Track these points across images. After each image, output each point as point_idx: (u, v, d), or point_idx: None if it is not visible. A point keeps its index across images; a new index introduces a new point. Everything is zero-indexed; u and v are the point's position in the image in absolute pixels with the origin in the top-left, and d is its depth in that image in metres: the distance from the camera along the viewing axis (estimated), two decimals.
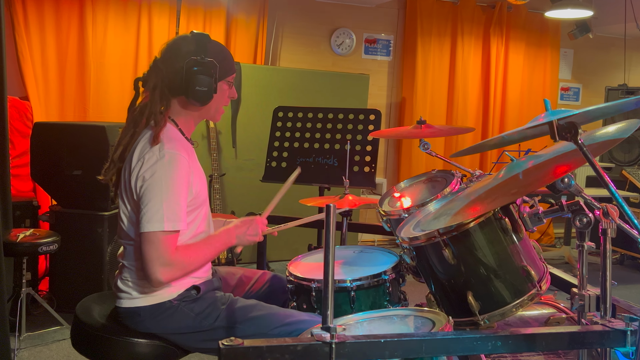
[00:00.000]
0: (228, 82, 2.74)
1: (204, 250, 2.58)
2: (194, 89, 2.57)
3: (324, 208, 1.78)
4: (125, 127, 2.67)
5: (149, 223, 2.40)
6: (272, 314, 2.63)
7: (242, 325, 2.58)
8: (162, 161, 2.45)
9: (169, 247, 2.41)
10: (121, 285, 2.61)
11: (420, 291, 2.94)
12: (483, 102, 8.48)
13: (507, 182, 2.22)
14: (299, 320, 2.59)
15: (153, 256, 2.39)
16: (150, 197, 2.42)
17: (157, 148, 2.47)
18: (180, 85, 2.59)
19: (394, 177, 8.27)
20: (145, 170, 2.45)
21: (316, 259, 3.14)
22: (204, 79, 2.58)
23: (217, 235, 2.68)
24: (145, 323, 2.57)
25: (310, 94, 7.07)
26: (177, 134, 2.64)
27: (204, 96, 2.60)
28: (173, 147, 2.49)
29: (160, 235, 2.40)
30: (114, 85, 6.60)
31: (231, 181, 6.82)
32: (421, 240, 2.37)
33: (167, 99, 2.63)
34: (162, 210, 2.40)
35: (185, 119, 2.70)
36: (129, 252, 2.60)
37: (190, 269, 2.52)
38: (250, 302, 2.69)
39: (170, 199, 2.43)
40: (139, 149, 2.53)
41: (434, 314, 2.17)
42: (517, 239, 2.32)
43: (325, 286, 1.73)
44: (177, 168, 2.47)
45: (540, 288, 2.31)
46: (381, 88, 8.19)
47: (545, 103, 1.94)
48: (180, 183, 2.47)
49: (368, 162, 4.45)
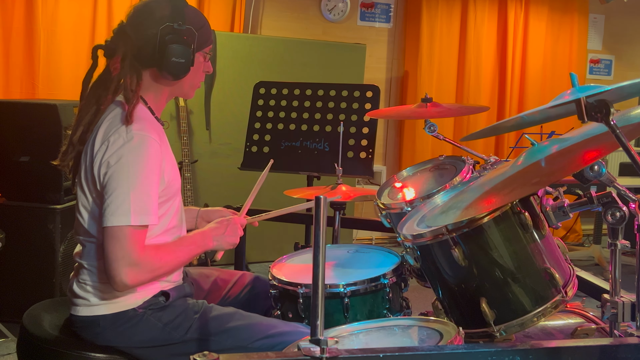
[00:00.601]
0: (205, 53, 2.74)
1: (177, 253, 2.57)
2: (169, 60, 2.56)
3: (313, 200, 1.77)
4: (84, 104, 2.64)
5: (113, 216, 2.38)
6: (253, 324, 2.63)
7: (218, 337, 2.58)
8: (129, 144, 2.43)
9: (135, 244, 2.39)
10: (78, 289, 2.59)
11: (426, 298, 2.94)
12: (499, 76, 8.48)
13: (527, 170, 2.22)
14: (284, 332, 2.59)
15: (117, 255, 2.37)
16: (115, 185, 2.40)
17: (124, 129, 2.46)
18: (153, 56, 2.57)
19: (394, 164, 8.28)
20: (110, 154, 2.43)
21: (304, 260, 3.15)
22: (180, 49, 2.57)
23: (191, 236, 2.68)
24: (105, 334, 2.55)
25: (296, 67, 7.05)
26: (147, 113, 2.62)
27: (180, 69, 2.60)
28: (142, 128, 2.48)
29: (127, 231, 2.38)
30: (67, 57, 6.54)
31: (204, 169, 6.81)
32: (427, 238, 2.38)
33: (137, 71, 2.62)
34: (128, 201, 2.38)
35: (156, 95, 2.69)
36: (88, 251, 2.59)
37: (160, 273, 2.51)
38: (228, 311, 2.70)
39: (139, 188, 2.41)
40: (103, 130, 2.51)
41: (441, 324, 2.17)
42: (539, 237, 2.32)
43: (315, 292, 1.72)
44: (148, 153, 2.45)
45: (566, 294, 2.32)
46: (380, 60, 8.18)
47: (571, 78, 1.94)
48: (151, 170, 2.46)
49: (364, 146, 4.45)
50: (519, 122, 2.24)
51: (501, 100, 8.49)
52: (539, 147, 2.28)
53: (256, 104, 4.80)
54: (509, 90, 8.43)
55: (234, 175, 5.55)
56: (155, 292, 2.59)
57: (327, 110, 4.63)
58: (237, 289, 3.06)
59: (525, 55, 8.54)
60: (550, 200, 2.33)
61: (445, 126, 8.07)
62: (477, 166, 3.06)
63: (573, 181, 2.04)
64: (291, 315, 2.78)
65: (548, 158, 2.18)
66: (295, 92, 4.75)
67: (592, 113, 1.84)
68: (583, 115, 1.86)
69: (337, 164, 3.78)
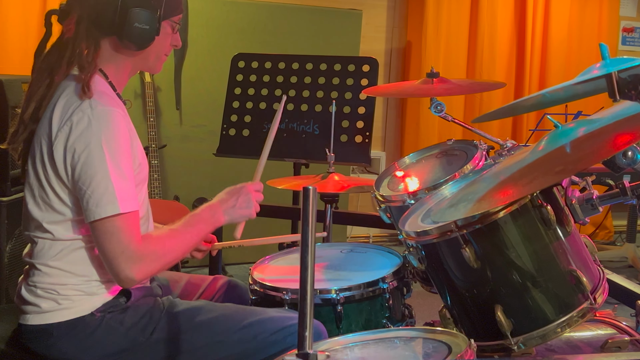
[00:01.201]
0: (173, 23, 2.75)
1: (183, 235, 2.61)
2: (132, 26, 2.57)
3: (300, 195, 1.77)
4: (36, 76, 2.64)
5: (99, 207, 2.41)
6: (227, 314, 2.66)
7: (189, 335, 2.61)
8: (96, 123, 2.44)
9: (132, 234, 2.43)
10: (27, 294, 2.59)
11: (432, 305, 2.95)
12: (517, 47, 8.48)
13: (549, 157, 2.22)
14: (265, 319, 2.63)
15: (116, 251, 2.41)
16: (92, 173, 2.42)
17: (86, 106, 2.46)
18: (112, 21, 2.58)
19: (395, 149, 8.29)
20: (75, 138, 2.44)
21: (290, 262, 3.16)
22: (144, 14, 2.58)
23: (198, 214, 2.70)
24: (59, 345, 2.56)
25: (282, 37, 7.05)
26: (107, 88, 2.63)
27: (144, 36, 2.61)
28: (107, 102, 2.50)
29: (118, 221, 2.42)
30: (14, 26, 6.50)
31: (174, 155, 6.80)
32: (433, 235, 2.38)
33: (94, 38, 2.62)
34: (112, 187, 2.41)
35: (116, 68, 2.70)
36: (40, 248, 2.59)
37: (167, 260, 2.55)
38: (196, 304, 2.74)
39: (118, 171, 2.44)
40: (60, 107, 2.51)
41: (449, 335, 2.17)
42: (563, 234, 2.33)
43: (303, 298, 1.72)
44: (118, 130, 2.48)
45: (595, 300, 2.33)
46: (378, 29, 8.17)
47: (601, 49, 1.94)
48: (124, 149, 2.49)
49: (361, 129, 4.45)
50: (540, 101, 2.24)
51: (519, 76, 8.48)
52: (563, 130, 2.29)
53: (234, 80, 4.80)
54: (528, 64, 8.42)
55: (208, 162, 5.56)
56: (115, 294, 2.61)
57: (317, 87, 4.63)
58: (209, 293, 3.08)
59: (548, 23, 8.52)
60: (577, 191, 2.34)
61: (455, 105, 8.06)
62: (491, 152, 3.07)
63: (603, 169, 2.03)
64: None
65: (574, 142, 2.18)
66: (279, 66, 4.75)
67: (625, 90, 1.85)
68: (615, 92, 1.86)
69: (329, 149, 3.79)
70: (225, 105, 4.76)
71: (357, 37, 7.37)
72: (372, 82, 4.52)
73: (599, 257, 2.53)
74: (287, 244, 4.05)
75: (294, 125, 4.57)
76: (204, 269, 5.77)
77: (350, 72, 4.58)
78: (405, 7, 8.20)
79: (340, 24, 7.34)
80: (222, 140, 4.71)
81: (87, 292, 2.55)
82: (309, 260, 1.73)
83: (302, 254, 1.73)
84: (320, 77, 4.64)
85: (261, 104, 4.69)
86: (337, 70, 4.61)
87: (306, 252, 1.73)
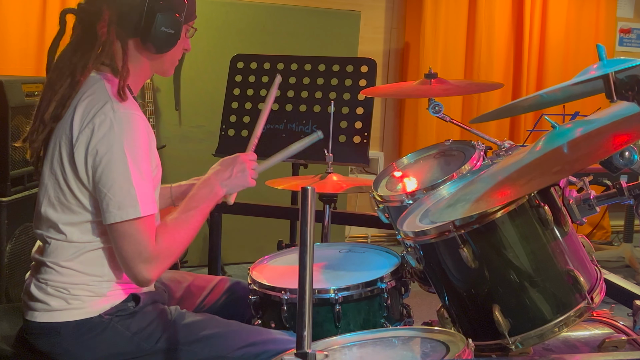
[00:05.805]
0: (189, 28, 2.78)
1: (189, 221, 2.63)
2: (158, 30, 2.58)
3: (299, 195, 1.77)
4: (56, 75, 2.62)
5: (121, 210, 2.42)
6: (232, 331, 2.66)
7: (193, 347, 2.61)
8: (118, 126, 2.45)
9: (149, 237, 2.45)
10: (36, 291, 2.59)
11: (430, 305, 2.95)
12: (514, 48, 8.48)
13: (547, 157, 2.22)
14: (268, 340, 2.63)
15: (133, 253, 2.44)
16: (115, 176, 2.44)
17: (109, 108, 2.47)
18: (138, 23, 2.58)
19: (393, 150, 8.29)
20: (97, 141, 2.45)
21: (288, 261, 3.16)
22: (171, 17, 2.60)
23: (196, 194, 2.71)
24: (64, 344, 2.56)
25: (280, 38, 7.05)
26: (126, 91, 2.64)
27: (169, 40, 2.64)
28: (128, 106, 2.51)
29: (138, 224, 2.44)
30: (14, 27, 6.49)
31: (173, 155, 6.78)
32: (431, 235, 2.39)
33: (123, 40, 2.63)
34: (134, 190, 2.43)
35: (135, 70, 2.70)
36: (54, 249, 2.59)
37: (180, 251, 2.58)
38: (202, 317, 2.73)
39: (140, 174, 2.46)
40: (82, 108, 2.52)
41: (447, 335, 2.17)
42: (561, 234, 2.33)
43: (301, 298, 1.72)
44: (139, 133, 2.50)
45: (592, 300, 2.32)
46: (377, 30, 8.17)
47: (598, 50, 1.94)
48: (144, 152, 2.51)
49: (359, 129, 4.45)
50: (538, 102, 2.25)
51: (517, 77, 8.48)
52: (560, 131, 2.29)
53: (233, 81, 4.79)
54: (525, 65, 8.43)
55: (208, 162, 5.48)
56: (125, 296, 2.62)
57: (316, 88, 4.63)
58: (214, 296, 3.08)
59: (545, 24, 8.52)
60: (574, 191, 2.34)
61: (453, 106, 8.06)
62: (489, 152, 3.07)
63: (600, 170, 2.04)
64: (274, 325, 2.79)
65: (571, 143, 2.19)
66: (278, 67, 4.74)
67: (622, 91, 1.85)
68: (612, 93, 1.86)
69: (327, 149, 3.78)
70: (224, 105, 4.75)
71: (355, 38, 7.37)
72: (371, 83, 4.52)
73: (596, 257, 2.53)
74: (285, 244, 4.05)
75: (292, 126, 4.56)
76: (203, 269, 5.76)
77: (349, 72, 4.58)
78: (403, 8, 8.21)
79: (339, 25, 7.34)
80: (221, 140, 4.71)
81: (97, 293, 2.56)
82: (308, 260, 1.73)
83: (301, 253, 1.74)
84: (319, 78, 4.63)
85: (260, 105, 4.68)
86: (336, 71, 4.61)
87: (305, 252, 1.73)
